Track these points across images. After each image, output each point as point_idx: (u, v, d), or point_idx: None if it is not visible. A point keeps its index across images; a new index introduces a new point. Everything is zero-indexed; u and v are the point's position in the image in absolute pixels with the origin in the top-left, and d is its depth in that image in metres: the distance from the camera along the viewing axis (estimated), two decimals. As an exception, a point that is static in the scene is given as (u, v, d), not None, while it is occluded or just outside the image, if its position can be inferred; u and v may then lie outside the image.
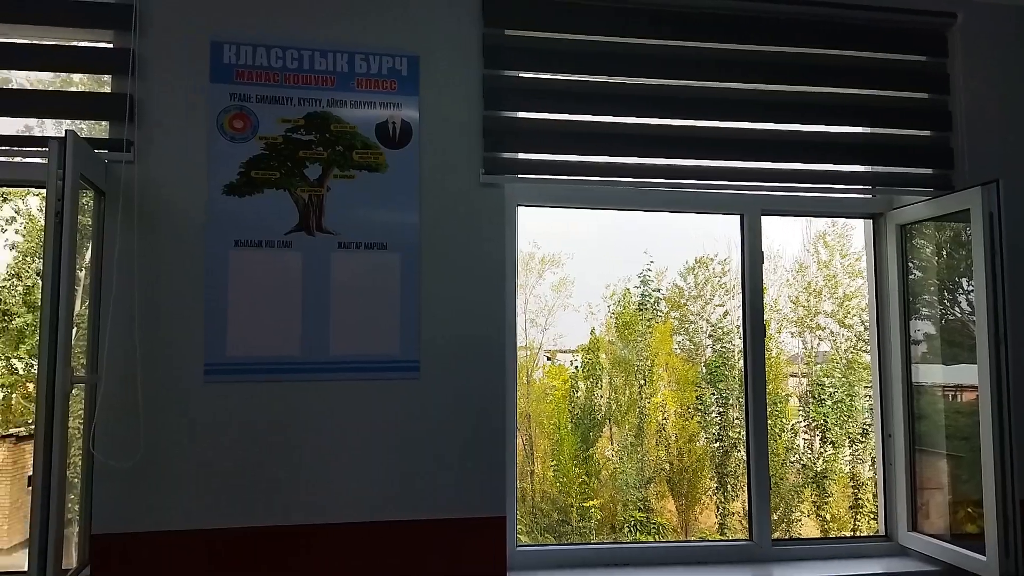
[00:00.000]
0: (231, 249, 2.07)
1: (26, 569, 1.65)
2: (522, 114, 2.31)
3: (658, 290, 12.54)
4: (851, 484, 11.68)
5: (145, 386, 1.98)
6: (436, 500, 2.12)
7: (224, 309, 2.05)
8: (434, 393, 2.15)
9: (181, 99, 2.08)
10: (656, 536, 10.78)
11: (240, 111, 2.11)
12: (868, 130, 2.53)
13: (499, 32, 2.27)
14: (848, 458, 11.84)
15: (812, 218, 12.07)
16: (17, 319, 8.15)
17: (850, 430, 11.84)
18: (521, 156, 2.29)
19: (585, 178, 2.33)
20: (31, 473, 1.81)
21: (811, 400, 12.17)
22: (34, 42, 2.07)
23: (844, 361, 12.47)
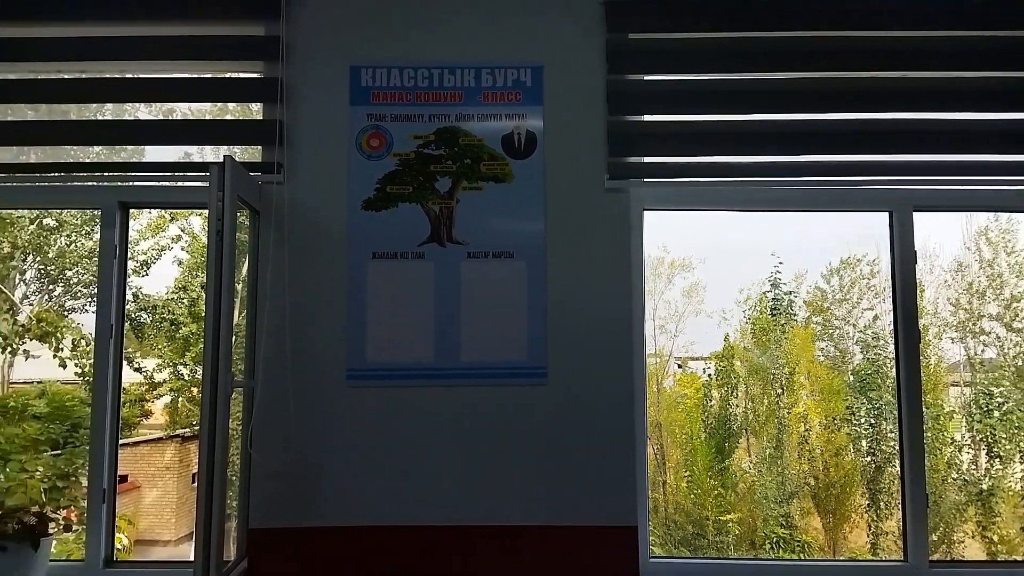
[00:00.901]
0: (370, 261, 2.18)
1: (192, 559, 1.82)
2: (647, 117, 2.27)
3: (791, 293, 11.90)
4: (1023, 503, 10.52)
5: (295, 390, 2.12)
6: (566, 507, 2.12)
7: (364, 317, 2.16)
8: (562, 399, 2.15)
9: (324, 122, 2.22)
10: (801, 554, 10.20)
11: (376, 130, 2.22)
12: (1036, 114, 2.29)
13: (622, 36, 2.25)
14: (1020, 475, 10.68)
15: (972, 213, 11.02)
16: (183, 328, 8.93)
17: (1022, 444, 10.68)
18: (647, 160, 2.26)
19: (715, 179, 2.26)
20: (196, 471, 1.98)
21: (976, 411, 11.10)
22: (193, 76, 2.28)
23: (1013, 368, 11.27)
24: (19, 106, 2.32)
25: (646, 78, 2.28)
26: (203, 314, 1.71)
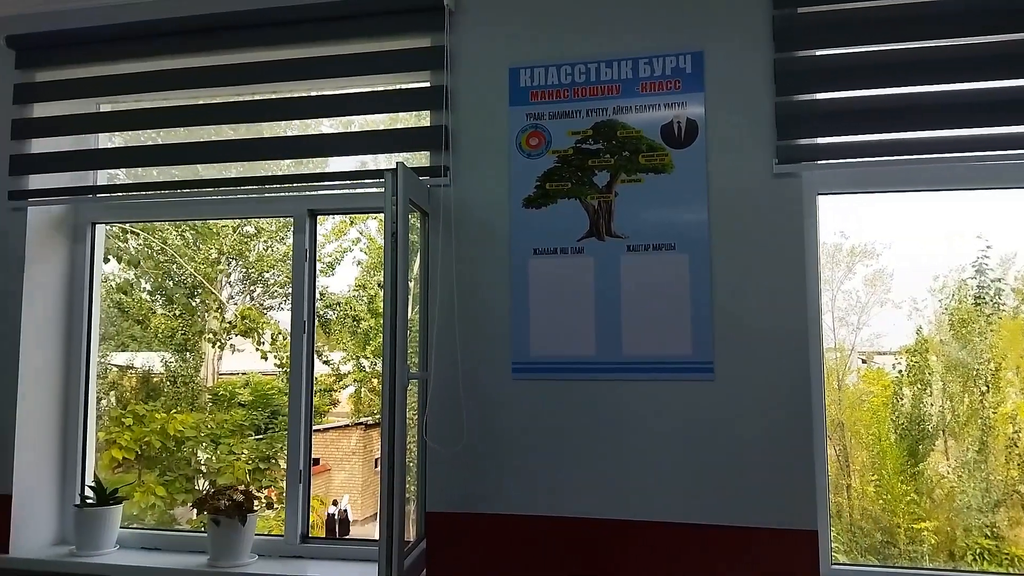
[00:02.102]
0: (530, 258, 2.23)
1: (377, 538, 1.96)
2: (819, 95, 2.13)
3: (999, 280, 10.57)
4: None
5: (464, 382, 2.22)
6: (736, 507, 2.04)
7: (527, 312, 2.21)
8: (731, 396, 2.08)
9: (485, 124, 2.30)
10: (1010, 567, 9.10)
11: (535, 129, 2.26)
12: None
13: (791, 12, 2.13)
14: None
15: None
16: (363, 323, 9.58)
17: None
18: (820, 141, 2.12)
19: (899, 158, 2.07)
20: (378, 456, 2.13)
21: None
22: (368, 90, 2.45)
23: None
24: (222, 127, 2.61)
25: (818, 53, 2.14)
26: (381, 310, 1.84)
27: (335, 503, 9.90)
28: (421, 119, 2.46)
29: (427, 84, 2.39)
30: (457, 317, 2.25)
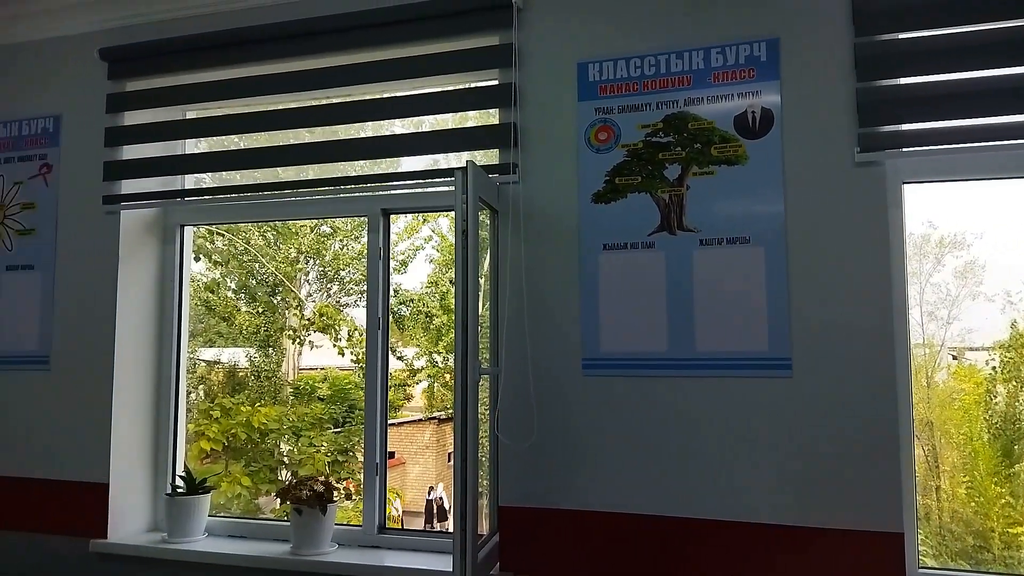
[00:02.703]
0: (600, 253, 2.21)
1: (451, 530, 1.99)
2: (903, 80, 2.04)
3: (1104, 270, 9.85)
4: None
5: (535, 378, 2.23)
6: (817, 508, 1.98)
7: (597, 308, 2.20)
8: (810, 393, 2.01)
9: (554, 121, 2.30)
10: (1114, 577, 8.49)
11: (604, 123, 2.25)
12: None
13: (871, -7, 2.04)
14: None
15: None
16: (436, 320, 9.74)
17: None
18: (905, 127, 2.02)
19: (991, 143, 1.95)
20: (451, 450, 2.17)
21: None
22: (439, 90, 2.49)
23: None
24: (300, 132, 2.70)
25: (900, 36, 2.04)
26: (452, 307, 1.87)
27: (431, 490, 10.11)
28: (490, 117, 2.48)
29: (496, 82, 2.40)
30: (527, 313, 2.26)
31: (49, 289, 2.79)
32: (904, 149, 2.01)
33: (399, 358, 9.69)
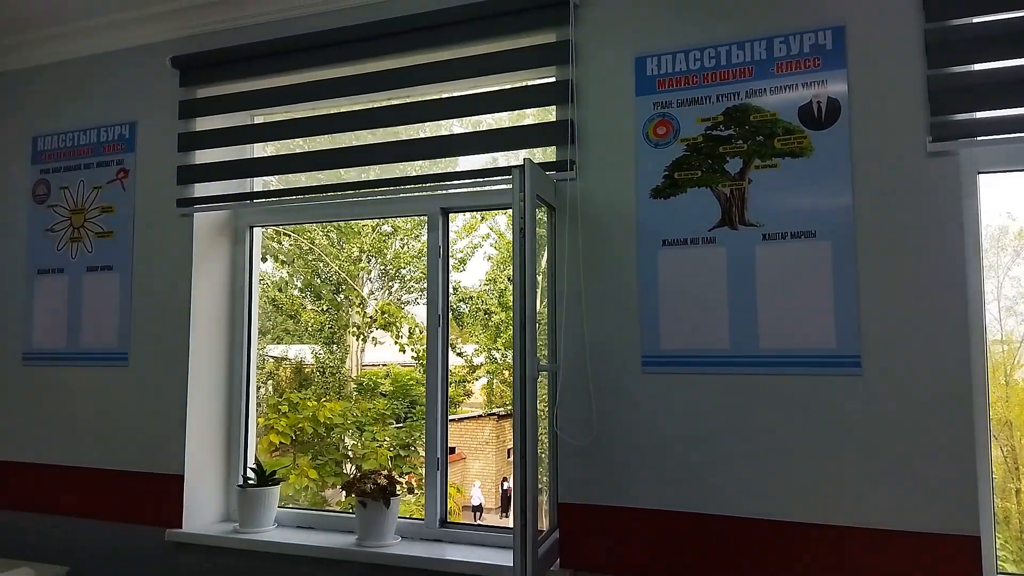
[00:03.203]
0: (659, 249, 2.19)
1: (511, 526, 2.01)
2: (977, 66, 1.95)
3: None
4: None
5: (593, 375, 2.23)
6: (887, 509, 1.92)
7: (656, 305, 2.18)
8: (880, 391, 1.95)
9: (611, 116, 2.29)
10: None
11: (663, 118, 2.22)
12: None
13: (943, -24, 1.96)
14: None
15: None
16: (494, 317, 9.80)
17: None
18: (979, 115, 1.93)
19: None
20: (510, 446, 2.19)
21: None
22: (496, 89, 2.50)
23: None
24: (361, 133, 2.75)
25: (974, 20, 1.95)
26: (510, 304, 1.88)
27: (504, 480, 10.22)
28: (548, 114, 2.48)
29: (553, 79, 2.40)
30: (585, 310, 2.25)
31: (127, 288, 2.93)
32: (978, 138, 1.92)
33: (459, 355, 9.79)
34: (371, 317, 8.87)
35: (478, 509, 10.24)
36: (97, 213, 3.01)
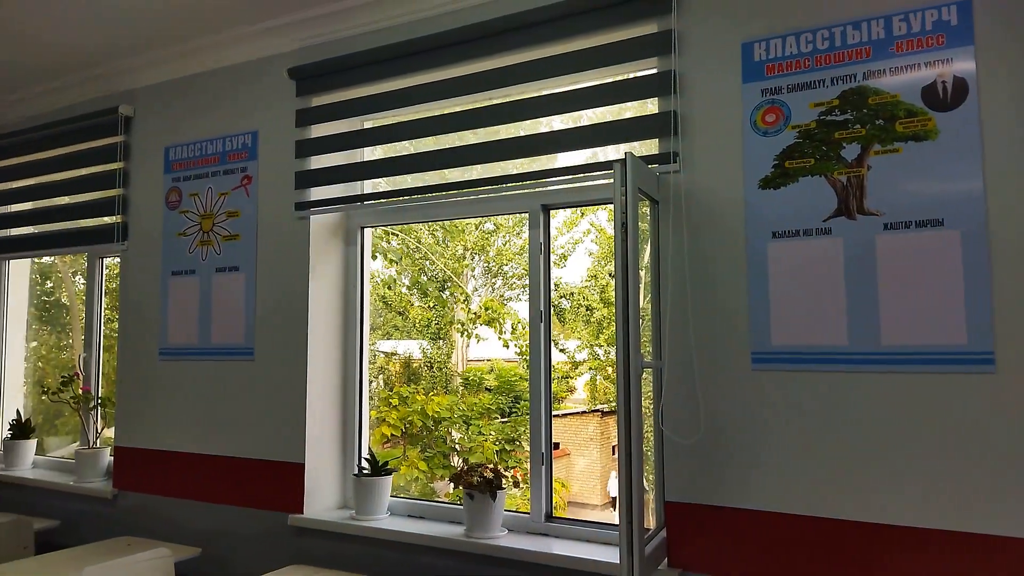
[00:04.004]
0: (769, 241, 2.11)
1: (616, 523, 2.00)
2: None
3: None
4: None
5: (700, 371, 2.18)
6: (1022, 516, 1.78)
7: (766, 299, 2.11)
8: (1015, 390, 1.80)
9: (716, 105, 2.22)
10: None
11: (772, 105, 2.14)
12: None
13: (1091, -65, 1.79)
14: None
15: None
16: (596, 313, 9.74)
17: None
18: None
19: None
20: (615, 443, 2.17)
21: None
22: (596, 83, 2.49)
23: None
24: (464, 133, 2.81)
25: None
26: (613, 300, 1.86)
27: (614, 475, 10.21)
28: (648, 107, 2.44)
29: (655, 70, 2.36)
30: (690, 305, 2.20)
31: (251, 288, 3.12)
32: None
33: (561, 351, 9.80)
34: (475, 313, 9.03)
35: (614, 503, 10.20)
36: (224, 218, 3.23)
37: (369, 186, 3.14)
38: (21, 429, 3.93)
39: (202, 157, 3.32)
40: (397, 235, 8.81)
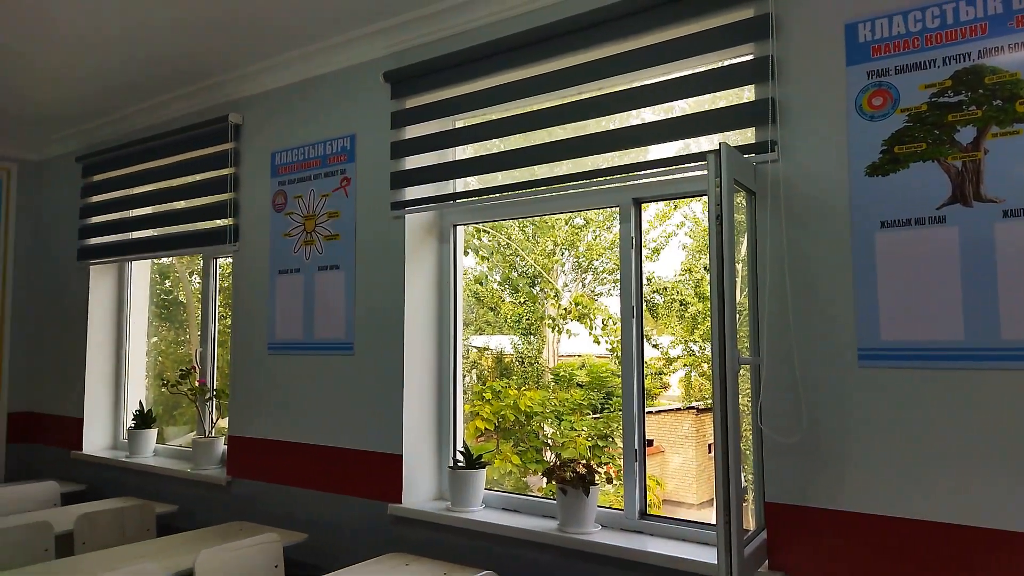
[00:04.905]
0: (877, 231, 2.01)
1: (713, 522, 1.95)
2: None
3: None
4: None
5: (801, 368, 2.10)
6: None
7: (874, 292, 2.01)
8: None
9: (817, 90, 2.13)
10: None
11: (879, 87, 2.03)
12: None
13: None
14: None
15: None
16: (691, 307, 9.52)
17: None
18: None
19: None
20: (711, 441, 2.12)
21: None
22: (689, 72, 2.44)
23: None
24: (553, 128, 2.81)
25: None
26: (708, 294, 1.81)
27: None
28: (743, 95, 2.37)
29: (750, 57, 2.29)
30: (791, 300, 2.13)
31: (351, 285, 3.24)
32: None
33: (654, 346, 9.64)
34: (565, 309, 9.02)
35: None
36: (325, 218, 3.37)
37: (461, 185, 3.19)
38: (143, 419, 4.26)
39: (305, 161, 3.47)
40: (488, 232, 8.92)
